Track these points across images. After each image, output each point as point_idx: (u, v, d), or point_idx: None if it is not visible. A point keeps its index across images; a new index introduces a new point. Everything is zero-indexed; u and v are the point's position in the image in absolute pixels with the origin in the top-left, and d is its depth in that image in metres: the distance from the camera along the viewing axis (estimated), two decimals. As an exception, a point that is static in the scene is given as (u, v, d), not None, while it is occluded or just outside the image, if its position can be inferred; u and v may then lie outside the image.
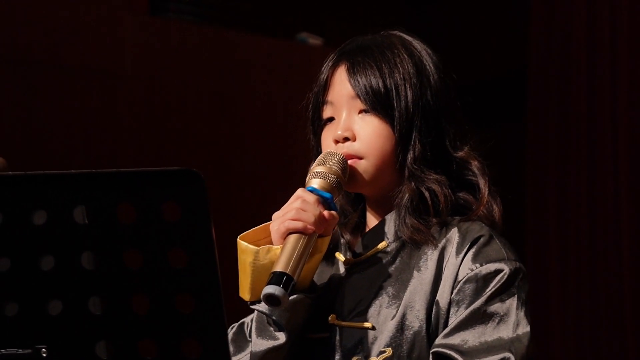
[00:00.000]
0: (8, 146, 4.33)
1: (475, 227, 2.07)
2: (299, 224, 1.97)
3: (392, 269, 2.09)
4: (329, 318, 2.08)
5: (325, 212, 2.01)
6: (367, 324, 2.05)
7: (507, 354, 1.95)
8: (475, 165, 2.14)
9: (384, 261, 2.10)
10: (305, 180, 2.08)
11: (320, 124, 2.18)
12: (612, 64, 5.04)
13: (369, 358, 2.03)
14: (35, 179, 1.54)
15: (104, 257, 1.54)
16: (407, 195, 2.09)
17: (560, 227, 5.18)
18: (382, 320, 2.04)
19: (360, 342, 2.04)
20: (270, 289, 1.88)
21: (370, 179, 2.11)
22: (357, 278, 2.11)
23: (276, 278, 1.89)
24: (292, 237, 1.97)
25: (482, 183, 2.13)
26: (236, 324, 2.19)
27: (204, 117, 4.99)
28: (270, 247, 1.99)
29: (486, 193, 2.12)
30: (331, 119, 2.15)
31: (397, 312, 2.03)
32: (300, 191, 2.03)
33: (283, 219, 1.98)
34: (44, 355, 1.54)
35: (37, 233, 1.53)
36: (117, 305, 1.54)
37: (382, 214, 2.16)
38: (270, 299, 1.89)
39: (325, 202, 2.02)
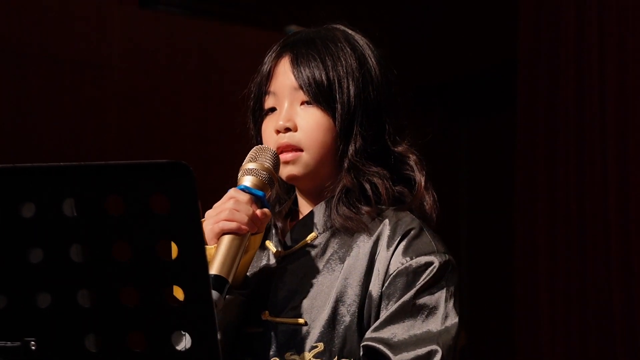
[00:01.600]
0: (-4, 139, 4.33)
1: (406, 220, 2.08)
2: (232, 225, 1.96)
3: (323, 261, 2.09)
4: (262, 314, 2.08)
5: (259, 211, 2.00)
6: (300, 320, 2.05)
7: (434, 347, 1.97)
8: (413, 159, 2.15)
9: (314, 253, 2.10)
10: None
11: (262, 114, 2.19)
12: (600, 55, 5.04)
13: (301, 354, 2.03)
14: (23, 172, 1.54)
15: (93, 249, 1.54)
16: (341, 185, 2.10)
17: (549, 219, 5.18)
18: (315, 315, 2.04)
19: (293, 338, 2.04)
20: None
21: (310, 172, 2.12)
22: (288, 272, 2.11)
23: (211, 281, 1.88)
24: (226, 238, 1.96)
25: (418, 177, 2.14)
26: None
27: (193, 109, 4.98)
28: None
29: (422, 187, 2.13)
30: (272, 110, 2.16)
31: (328, 306, 2.04)
32: (232, 191, 2.02)
33: (217, 219, 1.97)
34: (33, 348, 1.54)
35: (25, 226, 1.53)
36: (106, 297, 1.54)
37: (316, 204, 2.17)
38: None
39: (257, 201, 2.02)
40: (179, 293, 1.54)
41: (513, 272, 5.31)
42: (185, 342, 1.55)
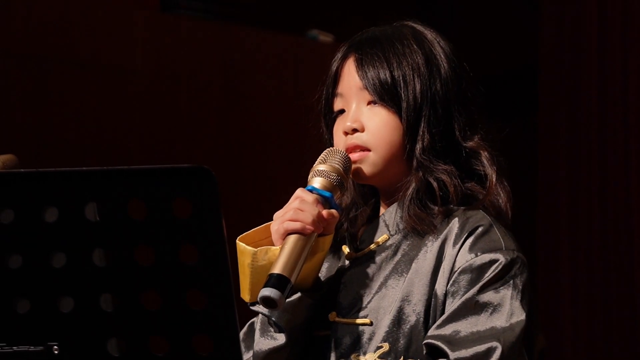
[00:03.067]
0: (20, 142, 4.34)
1: (476, 217, 2.05)
2: (297, 225, 1.96)
3: (393, 262, 2.07)
4: (330, 315, 2.07)
5: (324, 212, 1.99)
6: (365, 320, 2.04)
7: (495, 343, 1.92)
8: (484, 155, 2.12)
9: (384, 254, 2.09)
10: (308, 178, 2.07)
11: (332, 116, 2.18)
12: (623, 58, 5.02)
13: (367, 354, 2.02)
14: (46, 176, 1.54)
15: (116, 253, 1.54)
16: (413, 185, 2.08)
17: (572, 221, 5.17)
18: (380, 315, 2.03)
19: (359, 339, 2.03)
20: (266, 292, 1.87)
21: (378, 171, 2.11)
22: (357, 273, 2.10)
23: (272, 280, 1.88)
24: (291, 238, 1.95)
25: (490, 173, 2.10)
26: (247, 324, 2.16)
27: (214, 113, 4.99)
28: (268, 248, 1.98)
29: (493, 183, 2.09)
30: (342, 111, 2.16)
31: (394, 306, 2.02)
32: (299, 191, 2.02)
33: (282, 219, 1.97)
34: (56, 352, 1.54)
35: (48, 230, 1.54)
36: (128, 302, 1.55)
37: (391, 205, 2.14)
38: (266, 302, 1.88)
39: (325, 201, 2.01)
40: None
41: (535, 273, 5.29)
42: (207, 346, 1.56)
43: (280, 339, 2.03)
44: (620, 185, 4.99)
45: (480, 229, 2.02)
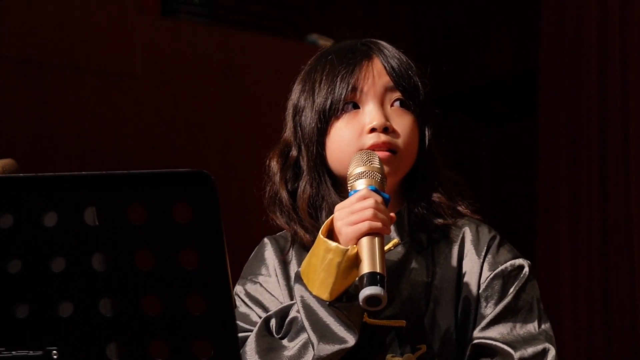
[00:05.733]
0: (19, 147, 4.34)
1: (483, 227, 2.17)
2: (379, 225, 1.94)
3: (411, 265, 2.11)
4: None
5: (392, 214, 1.99)
6: (401, 322, 2.06)
7: (548, 345, 2.05)
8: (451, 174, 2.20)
9: (399, 258, 2.11)
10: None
11: (336, 113, 2.14)
12: (623, 61, 5.03)
13: (405, 355, 2.04)
14: (45, 181, 1.54)
15: (115, 258, 1.54)
16: (418, 192, 2.14)
17: (572, 225, 5.17)
18: (414, 317, 2.06)
19: (394, 340, 2.05)
20: (374, 291, 1.87)
21: (397, 174, 2.13)
22: None
23: (375, 279, 1.88)
24: (371, 238, 1.93)
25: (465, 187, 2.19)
26: (257, 329, 2.07)
27: (214, 118, 4.99)
28: (352, 247, 1.94)
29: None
30: (354, 108, 2.13)
31: (427, 309, 2.08)
32: (366, 191, 1.98)
33: (361, 217, 1.94)
34: (55, 357, 1.54)
35: (47, 235, 1.54)
36: (127, 306, 1.54)
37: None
38: (372, 301, 1.88)
39: (384, 203, 2.00)
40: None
41: (536, 274, 5.29)
42: (207, 351, 1.56)
43: (350, 340, 1.96)
44: (621, 187, 4.99)
45: (498, 239, 2.15)
